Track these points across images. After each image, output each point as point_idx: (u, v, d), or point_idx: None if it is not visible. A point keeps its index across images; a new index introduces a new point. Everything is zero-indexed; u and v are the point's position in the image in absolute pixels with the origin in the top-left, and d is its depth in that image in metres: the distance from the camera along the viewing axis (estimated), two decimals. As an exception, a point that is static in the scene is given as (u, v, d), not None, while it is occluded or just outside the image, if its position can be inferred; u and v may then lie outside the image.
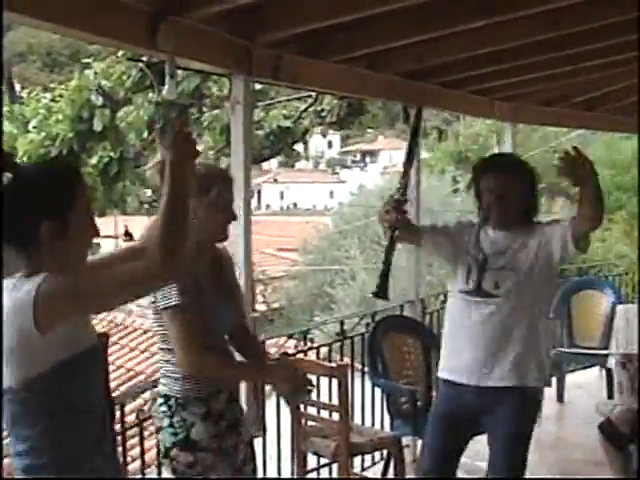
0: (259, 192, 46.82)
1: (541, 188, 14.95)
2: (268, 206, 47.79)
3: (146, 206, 7.51)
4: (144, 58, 5.79)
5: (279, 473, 5.44)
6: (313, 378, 5.31)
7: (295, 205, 47.66)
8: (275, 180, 45.27)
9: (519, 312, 4.09)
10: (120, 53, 4.82)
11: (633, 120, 9.78)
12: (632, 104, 9.18)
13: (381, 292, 3.95)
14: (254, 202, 45.70)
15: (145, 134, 7.59)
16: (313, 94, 8.25)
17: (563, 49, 6.06)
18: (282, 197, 48.37)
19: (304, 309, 21.65)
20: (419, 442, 5.78)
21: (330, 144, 48.48)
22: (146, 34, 3.69)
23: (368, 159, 48.75)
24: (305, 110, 8.74)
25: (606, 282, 8.93)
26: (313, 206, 45.24)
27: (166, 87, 3.94)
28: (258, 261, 26.02)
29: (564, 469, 6.32)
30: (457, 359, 4.19)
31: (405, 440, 5.64)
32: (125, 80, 6.93)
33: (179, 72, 6.14)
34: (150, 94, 6.48)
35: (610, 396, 7.12)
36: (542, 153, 26.59)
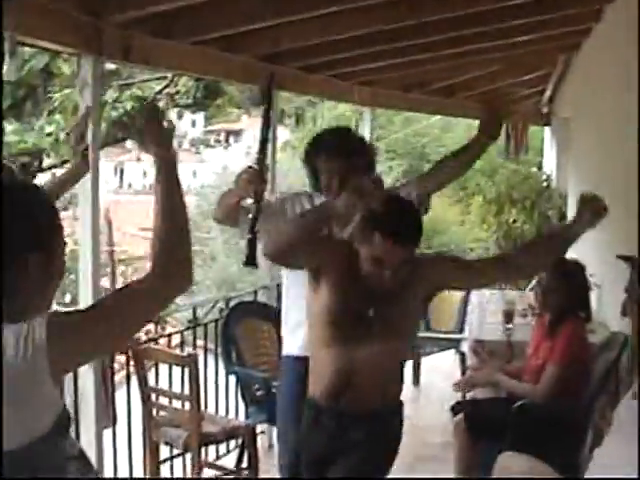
0: (122, 171, 45.95)
1: (402, 170, 15.18)
2: (130, 185, 47.01)
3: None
4: (-15, 34, 5.52)
5: (130, 464, 5.31)
6: (164, 367, 5.25)
7: (158, 184, 47.01)
8: (138, 159, 44.46)
9: None
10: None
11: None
12: (486, 92, 9.37)
13: (250, 260, 3.86)
14: (117, 181, 44.89)
15: (-10, 113, 7.30)
16: (169, 75, 8.05)
17: (422, 36, 6.09)
18: (145, 175, 47.61)
19: (165, 290, 21.41)
20: (274, 429, 5.75)
21: (194, 123, 47.87)
22: (-16, 10, 3.48)
23: (232, 139, 48.44)
24: (160, 92, 8.52)
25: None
26: (176, 186, 44.69)
27: (5, 67, 3.75)
28: (120, 241, 25.65)
29: (418, 451, 6.38)
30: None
31: (260, 427, 5.60)
32: (-36, 57, 6.58)
33: (26, 49, 5.89)
34: (-1, 73, 6.19)
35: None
36: (404, 136, 26.97)
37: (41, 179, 10.02)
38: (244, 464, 5.34)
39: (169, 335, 5.73)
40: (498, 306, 6.46)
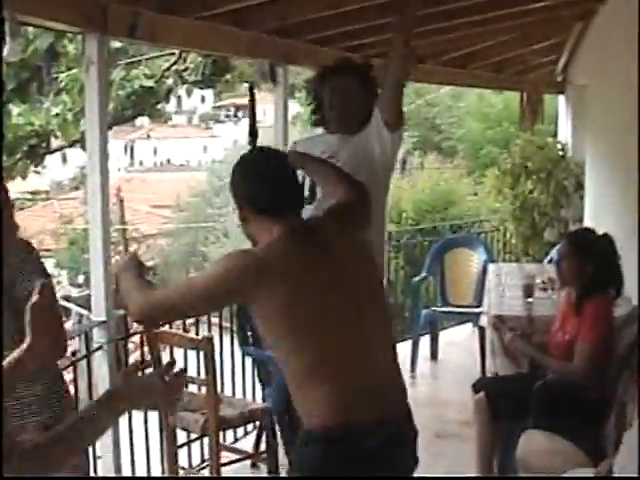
0: (132, 148, 45.90)
1: (415, 142, 15.06)
2: (141, 162, 46.94)
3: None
4: (-12, 15, 5.42)
5: (147, 449, 5.25)
6: (179, 351, 5.16)
7: (169, 161, 46.88)
8: (148, 136, 44.33)
9: None
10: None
11: (501, 77, 9.86)
12: (500, 62, 9.23)
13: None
14: (127, 159, 44.87)
15: (-6, 93, 7.24)
16: (176, 52, 7.94)
17: (433, 6, 5.96)
18: (155, 153, 47.49)
19: (178, 268, 21.42)
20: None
21: (203, 99, 47.69)
22: (-17, -10, 3.38)
23: (241, 113, 48.29)
24: (168, 69, 8.42)
25: (478, 240, 8.97)
26: (187, 162, 44.65)
27: (7, 47, 3.65)
28: (131, 219, 25.68)
29: (438, 428, 6.31)
30: None
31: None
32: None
33: (30, 30, 5.79)
34: (-1, 54, 6.11)
35: (483, 354, 7.14)
36: (416, 107, 26.77)
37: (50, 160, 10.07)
38: (262, 447, 5.27)
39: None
40: (517, 280, 6.36)
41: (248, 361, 6.05)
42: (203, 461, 5.47)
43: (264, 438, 5.12)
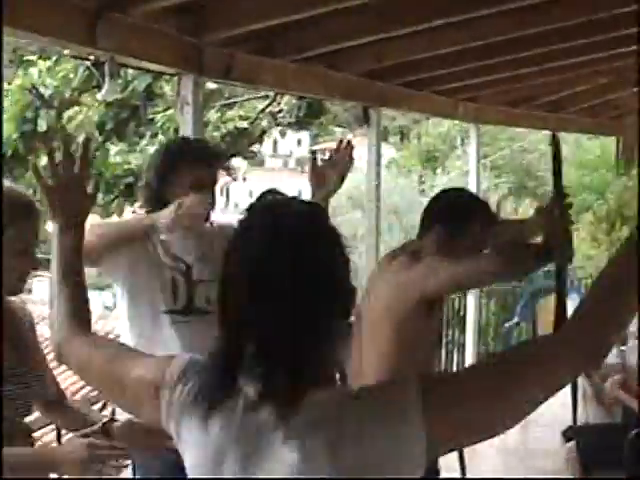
0: (227, 190, 46.48)
1: (509, 188, 14.90)
2: (236, 205, 47.46)
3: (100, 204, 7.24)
4: (91, 56, 5.57)
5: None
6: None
7: (264, 204, 47.26)
8: (244, 179, 44.91)
9: None
10: (66, 51, 4.53)
11: (596, 122, 9.72)
12: (595, 106, 9.11)
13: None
14: (223, 201, 45.46)
15: (97, 134, 7.40)
16: (271, 94, 8.04)
17: (528, 50, 5.94)
18: (251, 196, 48.00)
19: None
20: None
21: (299, 142, 48.22)
22: (85, 32, 3.49)
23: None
24: (262, 111, 8.51)
25: (572, 286, 8.83)
26: (282, 205, 44.89)
27: (105, 87, 3.74)
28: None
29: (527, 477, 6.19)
30: None
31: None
32: (72, 79, 6.67)
33: (130, 71, 5.93)
34: (98, 94, 6.24)
35: (575, 402, 6.99)
36: (510, 152, 26.62)
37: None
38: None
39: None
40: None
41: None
42: None
43: None
